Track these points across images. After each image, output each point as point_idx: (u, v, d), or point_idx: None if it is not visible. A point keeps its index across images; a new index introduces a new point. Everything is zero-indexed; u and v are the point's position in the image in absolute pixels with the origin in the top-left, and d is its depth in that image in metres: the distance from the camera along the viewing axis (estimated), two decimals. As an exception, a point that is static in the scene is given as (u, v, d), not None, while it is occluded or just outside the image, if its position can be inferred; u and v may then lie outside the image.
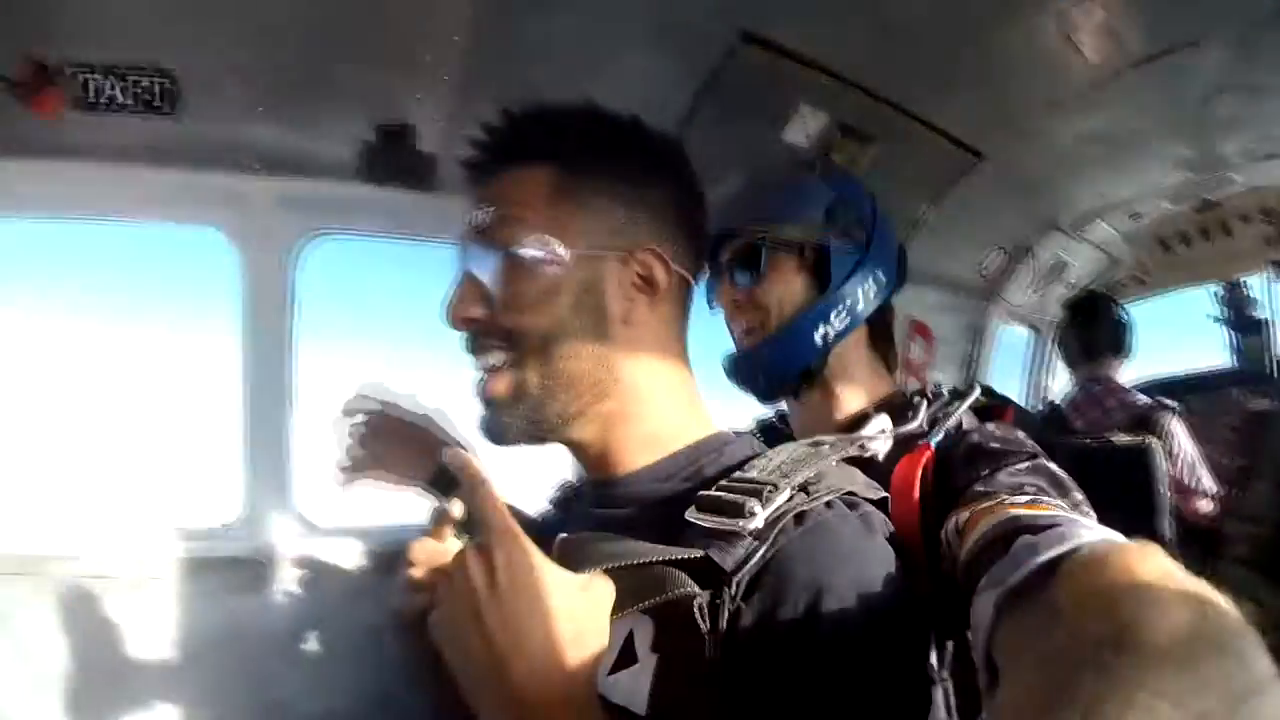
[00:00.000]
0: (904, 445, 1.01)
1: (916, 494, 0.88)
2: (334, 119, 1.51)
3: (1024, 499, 0.75)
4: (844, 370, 1.20)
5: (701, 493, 0.74)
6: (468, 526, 0.75)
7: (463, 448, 0.93)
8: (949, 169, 2.06)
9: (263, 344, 1.58)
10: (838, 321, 1.16)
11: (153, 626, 1.46)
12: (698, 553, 0.68)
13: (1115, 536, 0.61)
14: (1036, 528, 0.63)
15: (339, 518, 1.66)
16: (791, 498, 0.72)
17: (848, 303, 1.16)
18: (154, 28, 1.28)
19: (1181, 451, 2.25)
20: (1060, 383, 2.65)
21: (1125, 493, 1.98)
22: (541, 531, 0.68)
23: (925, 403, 1.10)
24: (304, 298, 1.61)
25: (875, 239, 1.19)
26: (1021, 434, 0.97)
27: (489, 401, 0.81)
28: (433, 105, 1.50)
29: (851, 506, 0.75)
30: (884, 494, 0.83)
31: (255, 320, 1.57)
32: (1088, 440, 2.19)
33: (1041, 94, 1.82)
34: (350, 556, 1.62)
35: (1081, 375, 2.47)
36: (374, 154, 1.56)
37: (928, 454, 0.96)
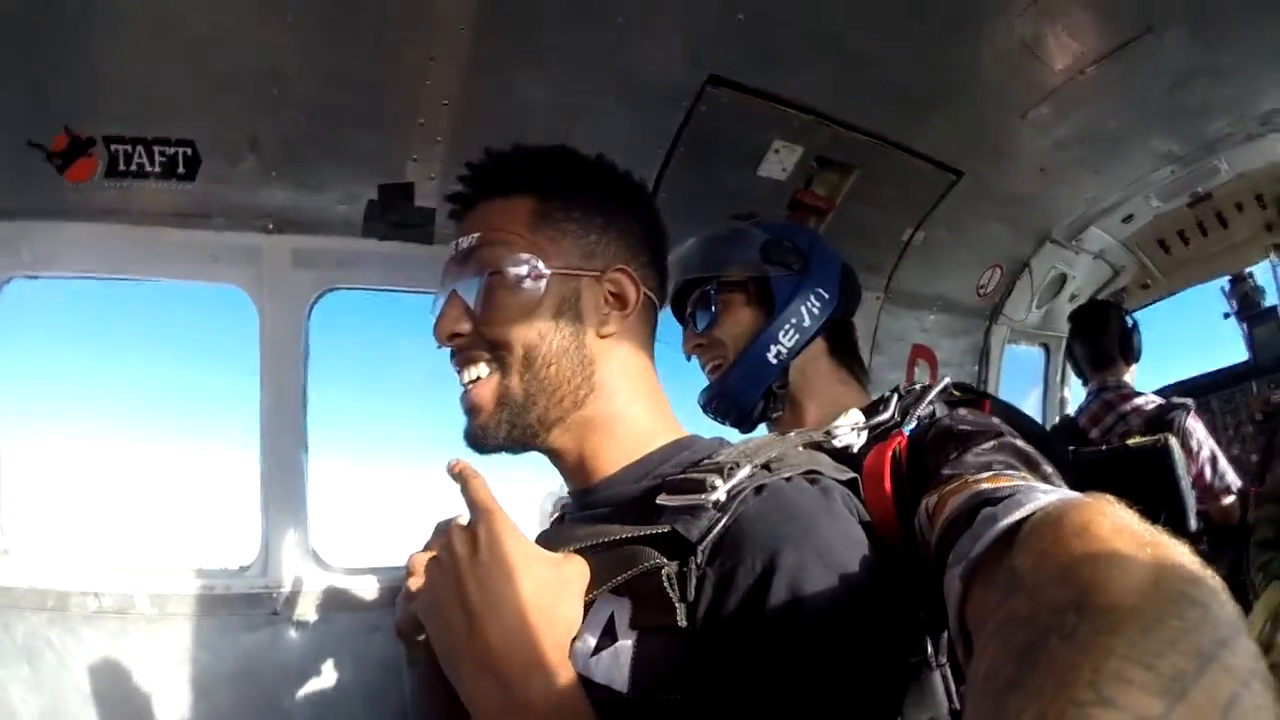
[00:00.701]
0: (879, 437, 1.04)
1: (888, 479, 0.89)
2: (340, 180, 1.63)
3: (987, 474, 0.75)
4: (808, 385, 1.30)
5: (670, 478, 0.79)
6: None
7: None
8: (930, 190, 2.11)
9: (279, 391, 1.66)
10: (787, 339, 1.27)
11: (170, 661, 1.52)
12: (664, 528, 0.72)
13: (1071, 495, 0.58)
14: (997, 499, 0.62)
15: (352, 557, 1.71)
16: (753, 474, 0.75)
17: (794, 320, 1.27)
18: (176, 102, 1.43)
19: (1200, 448, 2.20)
20: (1079, 398, 2.60)
21: (1147, 496, 1.94)
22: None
23: (896, 396, 1.13)
24: (316, 348, 1.70)
25: (813, 262, 1.31)
26: (995, 419, 0.97)
27: (474, 409, 0.86)
28: (428, 164, 1.62)
29: (813, 483, 0.78)
30: (852, 475, 0.86)
31: (272, 369, 1.66)
32: (1103, 448, 2.16)
33: (1009, 105, 1.88)
34: (363, 594, 1.66)
35: (1093, 384, 2.44)
36: (378, 210, 1.67)
37: (899, 441, 0.96)
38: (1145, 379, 2.55)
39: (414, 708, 1.58)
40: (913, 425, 1.02)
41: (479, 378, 0.86)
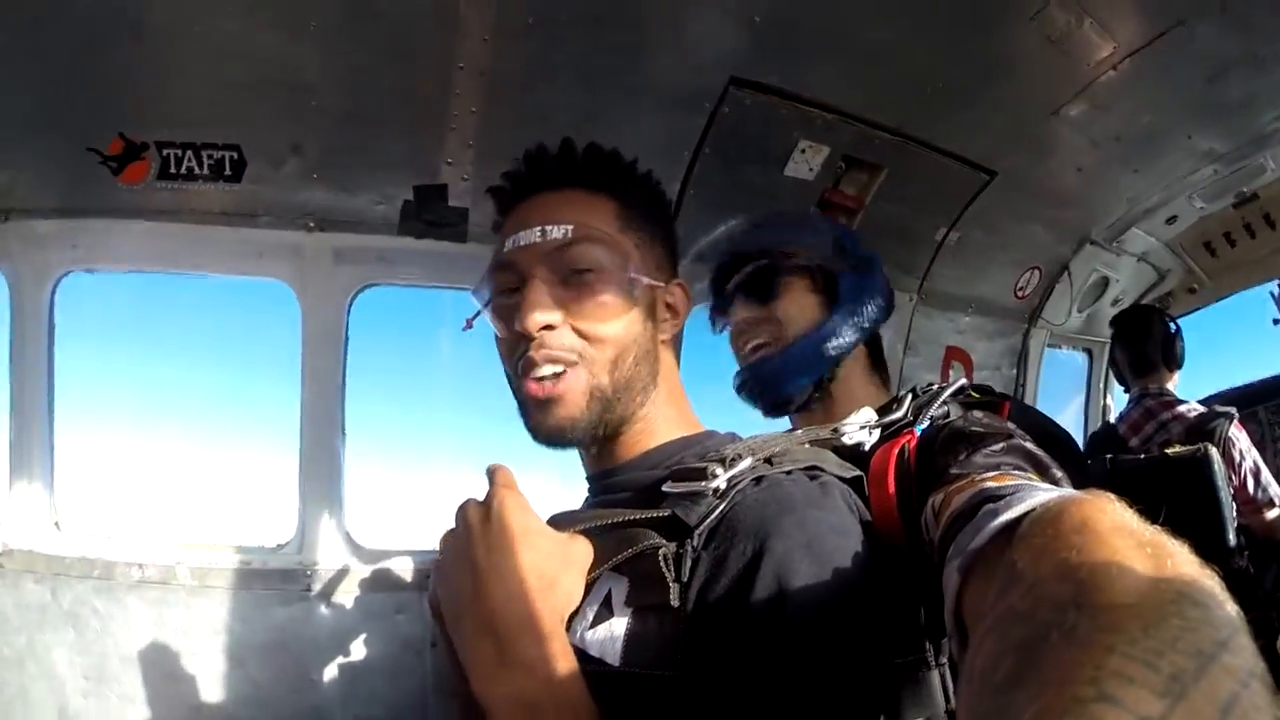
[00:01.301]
0: (891, 436, 1.04)
1: (892, 478, 0.88)
2: (378, 182, 1.70)
3: (993, 474, 0.76)
4: (846, 385, 1.30)
5: (676, 466, 0.82)
6: None
7: None
8: (962, 189, 2.08)
9: (318, 381, 1.75)
10: (847, 336, 1.27)
11: (207, 630, 1.63)
12: (665, 512, 0.76)
13: (1072, 493, 0.59)
14: (999, 496, 0.62)
15: (384, 538, 1.79)
16: (755, 466, 0.78)
17: (854, 320, 1.28)
18: (223, 110, 1.53)
19: (1243, 459, 2.11)
20: (1124, 405, 2.52)
21: (1186, 506, 1.89)
22: None
23: (911, 395, 1.12)
24: (355, 340, 1.79)
25: (876, 268, 1.34)
26: (1009, 423, 0.96)
27: (557, 401, 0.86)
28: (461, 166, 1.69)
29: (813, 479, 0.80)
30: (857, 473, 0.87)
31: (312, 359, 1.75)
32: (1141, 457, 2.11)
33: (1040, 102, 1.84)
34: (392, 576, 1.74)
35: (1134, 391, 2.38)
36: (413, 210, 1.75)
37: (907, 439, 0.96)
38: (1195, 387, 2.46)
39: (436, 686, 1.67)
40: (925, 425, 1.01)
41: (563, 371, 0.86)
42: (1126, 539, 0.43)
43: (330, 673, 1.67)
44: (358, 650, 1.69)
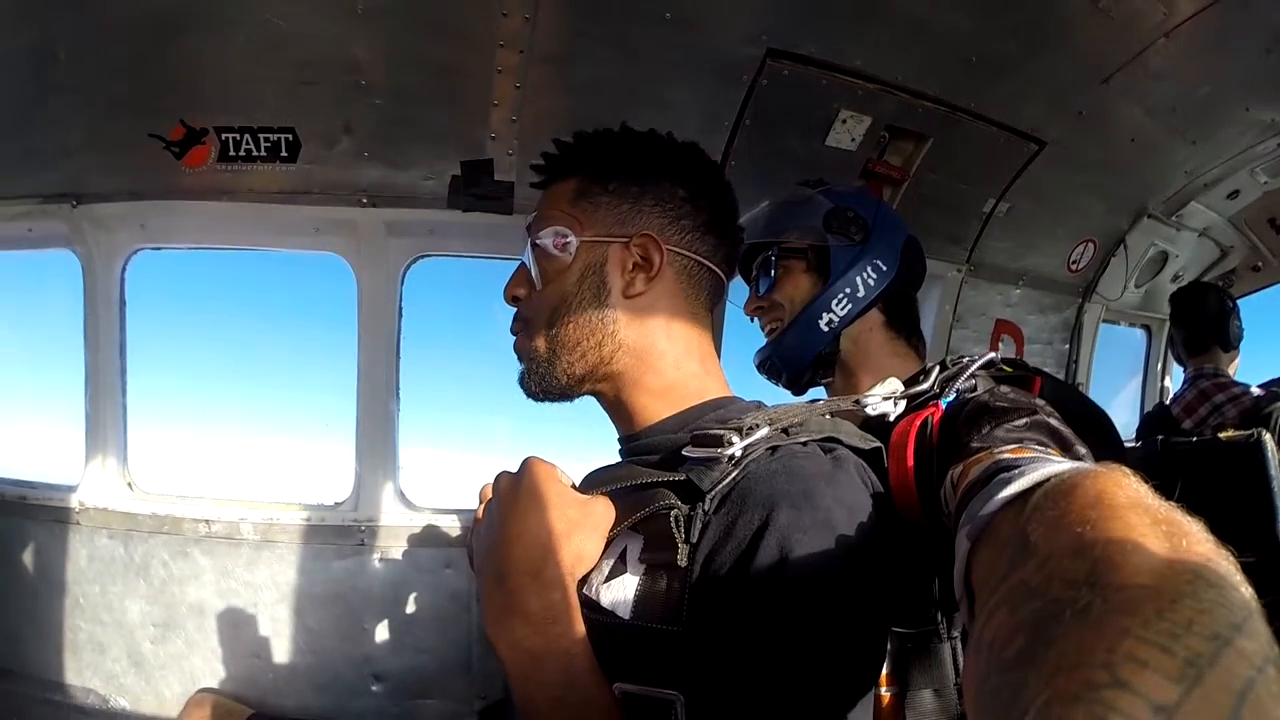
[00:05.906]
0: (918, 408, 1.03)
1: (911, 450, 0.89)
2: (426, 158, 1.76)
3: (1013, 447, 0.75)
4: (860, 353, 1.32)
5: (696, 432, 0.85)
6: None
7: None
8: (1011, 159, 2.03)
9: (374, 348, 1.84)
10: (840, 308, 1.29)
11: (268, 582, 1.75)
12: (680, 476, 0.80)
13: (1085, 465, 0.58)
14: (1014, 466, 0.62)
15: (436, 497, 1.89)
16: (771, 436, 0.81)
17: (848, 290, 1.29)
18: (278, 94, 1.60)
19: (1300, 445, 2.02)
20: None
21: (1235, 493, 1.83)
22: None
23: (939, 368, 1.10)
24: (408, 309, 1.87)
25: (875, 234, 1.32)
26: (1037, 399, 0.94)
27: (518, 356, 1.00)
28: (505, 141, 1.74)
29: (828, 451, 0.82)
30: (876, 444, 0.89)
31: (368, 328, 1.84)
32: (1193, 439, 2.04)
33: (1090, 70, 1.78)
34: (441, 532, 1.83)
35: (1189, 371, 2.30)
36: (461, 184, 1.81)
37: (931, 412, 0.95)
38: (1262, 372, 2.36)
39: (481, 638, 1.76)
40: (951, 398, 1.01)
41: (519, 334, 1.00)
42: (1141, 515, 0.42)
43: (382, 623, 1.78)
44: (408, 602, 1.79)
